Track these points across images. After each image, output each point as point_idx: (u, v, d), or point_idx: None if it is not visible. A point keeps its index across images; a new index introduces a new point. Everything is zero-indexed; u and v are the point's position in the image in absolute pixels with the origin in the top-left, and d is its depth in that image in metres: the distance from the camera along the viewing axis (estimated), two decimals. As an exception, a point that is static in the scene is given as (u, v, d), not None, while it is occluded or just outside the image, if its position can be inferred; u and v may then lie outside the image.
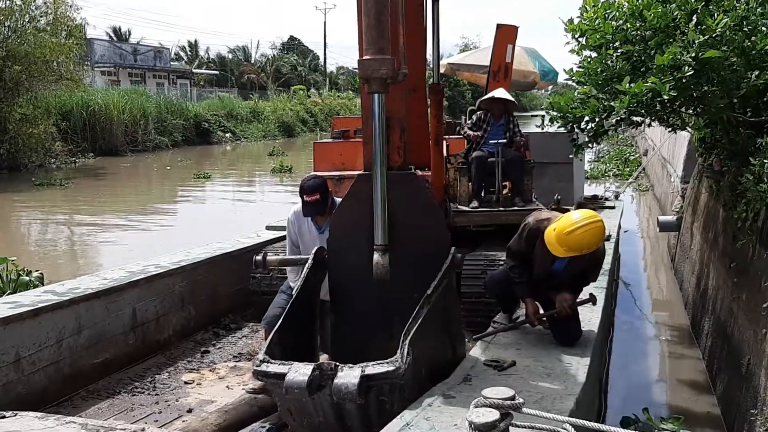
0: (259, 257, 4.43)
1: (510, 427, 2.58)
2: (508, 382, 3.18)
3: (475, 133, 7.20)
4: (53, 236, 14.34)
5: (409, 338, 3.24)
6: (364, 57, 3.50)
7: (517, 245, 4.36)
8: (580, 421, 2.47)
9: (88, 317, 5.09)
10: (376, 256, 3.66)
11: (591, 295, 4.52)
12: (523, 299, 4.39)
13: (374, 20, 3.48)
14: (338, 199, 4.48)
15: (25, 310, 4.63)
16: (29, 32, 23.25)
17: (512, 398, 2.54)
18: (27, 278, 7.23)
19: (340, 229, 4.09)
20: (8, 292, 6.56)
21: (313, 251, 4.11)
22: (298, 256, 4.75)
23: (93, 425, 3.29)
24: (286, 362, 3.23)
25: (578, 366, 3.74)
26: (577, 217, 3.96)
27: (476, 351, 4.01)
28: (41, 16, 24.24)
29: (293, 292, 3.91)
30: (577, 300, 4.35)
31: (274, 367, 3.23)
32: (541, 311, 4.32)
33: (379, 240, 3.67)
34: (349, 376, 3.06)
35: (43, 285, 6.54)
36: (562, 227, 3.93)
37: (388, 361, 3.12)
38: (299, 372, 3.11)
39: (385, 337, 3.77)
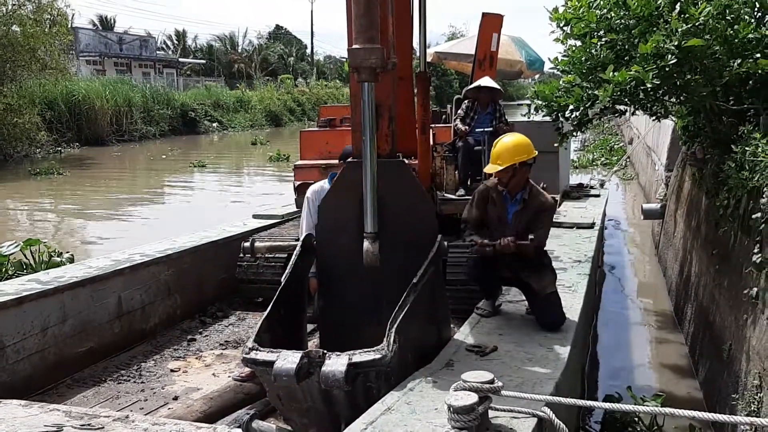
0: (247, 244, 4.45)
1: (489, 410, 2.62)
2: (489, 367, 3.20)
3: (463, 128, 7.28)
4: (64, 222, 14.33)
5: (395, 326, 3.26)
6: (354, 46, 3.49)
7: (469, 213, 4.46)
8: (557, 398, 2.51)
9: (72, 306, 5.08)
10: (366, 244, 3.68)
11: (531, 239, 4.28)
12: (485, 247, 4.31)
13: (363, 9, 3.47)
14: None
15: (8, 298, 4.61)
16: (12, 19, 22.98)
17: (491, 381, 2.59)
18: (58, 259, 7.31)
19: (329, 216, 4.10)
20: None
21: (301, 239, 4.12)
22: (286, 243, 4.74)
23: (77, 413, 3.28)
24: (275, 350, 3.25)
25: (559, 351, 3.78)
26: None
27: (459, 336, 4.04)
28: (24, 4, 23.96)
29: (281, 279, 3.92)
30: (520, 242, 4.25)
31: (263, 355, 3.25)
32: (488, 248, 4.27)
33: (369, 228, 3.69)
34: (336, 363, 3.08)
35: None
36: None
37: (374, 349, 3.15)
38: (287, 360, 3.12)
39: (373, 322, 3.80)
